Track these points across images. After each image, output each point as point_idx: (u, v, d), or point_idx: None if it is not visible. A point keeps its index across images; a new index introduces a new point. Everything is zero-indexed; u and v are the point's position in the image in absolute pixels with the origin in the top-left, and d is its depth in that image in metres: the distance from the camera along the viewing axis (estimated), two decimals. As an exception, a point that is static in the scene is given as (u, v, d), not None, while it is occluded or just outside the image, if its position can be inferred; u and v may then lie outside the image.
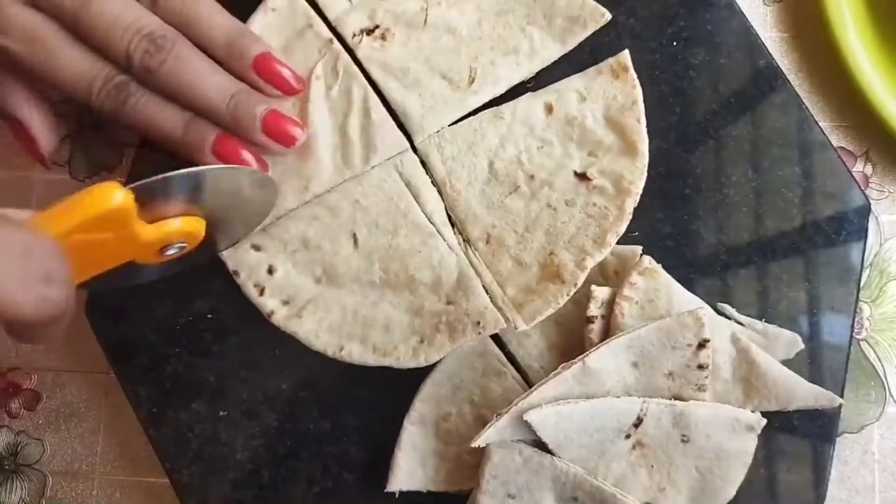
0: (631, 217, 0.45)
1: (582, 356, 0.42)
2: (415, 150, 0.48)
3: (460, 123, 0.48)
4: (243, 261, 0.46)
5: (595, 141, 0.47)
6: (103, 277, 0.38)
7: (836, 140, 0.51)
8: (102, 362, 0.48)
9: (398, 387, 0.46)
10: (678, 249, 0.47)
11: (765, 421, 0.43)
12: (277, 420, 0.47)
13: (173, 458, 0.47)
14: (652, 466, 0.43)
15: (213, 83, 0.41)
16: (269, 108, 0.43)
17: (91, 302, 0.48)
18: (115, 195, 0.33)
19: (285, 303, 0.46)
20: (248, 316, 0.47)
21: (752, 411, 0.44)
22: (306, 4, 0.48)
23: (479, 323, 0.44)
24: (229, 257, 0.46)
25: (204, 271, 0.48)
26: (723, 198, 0.48)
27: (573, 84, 0.48)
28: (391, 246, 0.46)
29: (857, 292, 0.47)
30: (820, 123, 0.49)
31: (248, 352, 0.47)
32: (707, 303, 0.46)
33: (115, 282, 0.40)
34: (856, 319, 0.48)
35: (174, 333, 0.48)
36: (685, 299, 0.45)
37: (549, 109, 0.47)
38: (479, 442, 0.41)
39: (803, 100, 0.49)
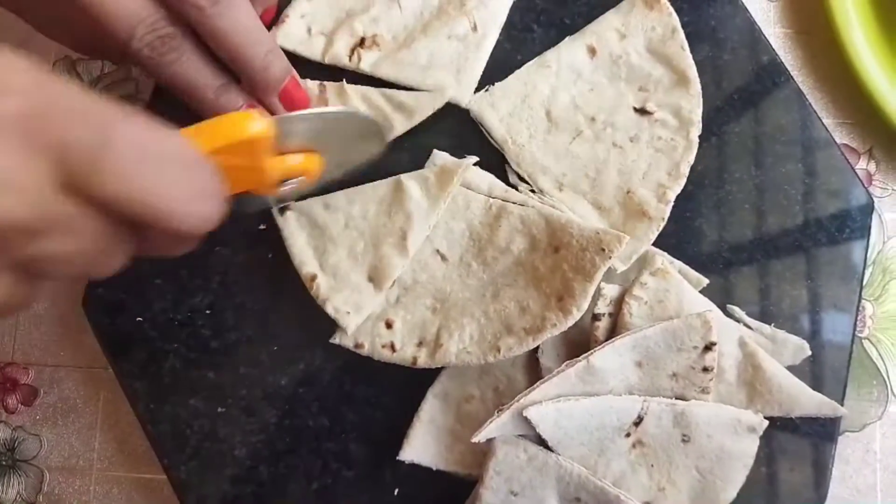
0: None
1: (586, 354, 0.42)
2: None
3: (508, 79, 0.48)
4: (360, 331, 0.45)
5: (644, 75, 0.47)
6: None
7: (840, 137, 0.51)
8: (100, 357, 0.48)
9: (398, 383, 0.46)
10: (680, 246, 0.47)
11: (766, 423, 0.43)
12: (276, 416, 0.47)
13: (171, 454, 0.46)
14: (652, 466, 0.43)
15: (256, 37, 0.42)
16: (293, 75, 0.46)
17: (89, 296, 0.48)
18: (257, 123, 0.34)
19: (420, 344, 0.44)
20: (246, 311, 0.47)
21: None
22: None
23: (603, 250, 0.42)
24: (343, 337, 0.45)
25: (202, 266, 0.47)
26: (725, 195, 0.47)
27: (610, 22, 0.48)
28: (474, 238, 0.46)
29: (860, 290, 0.47)
30: (823, 120, 0.48)
31: (246, 347, 0.47)
32: (710, 299, 0.45)
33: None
34: (858, 318, 0.47)
35: (172, 329, 0.47)
36: (695, 301, 0.44)
37: (591, 52, 0.48)
38: (480, 437, 0.40)
39: (807, 96, 0.48)
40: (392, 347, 0.44)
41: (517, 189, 0.47)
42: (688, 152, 0.46)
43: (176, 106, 0.47)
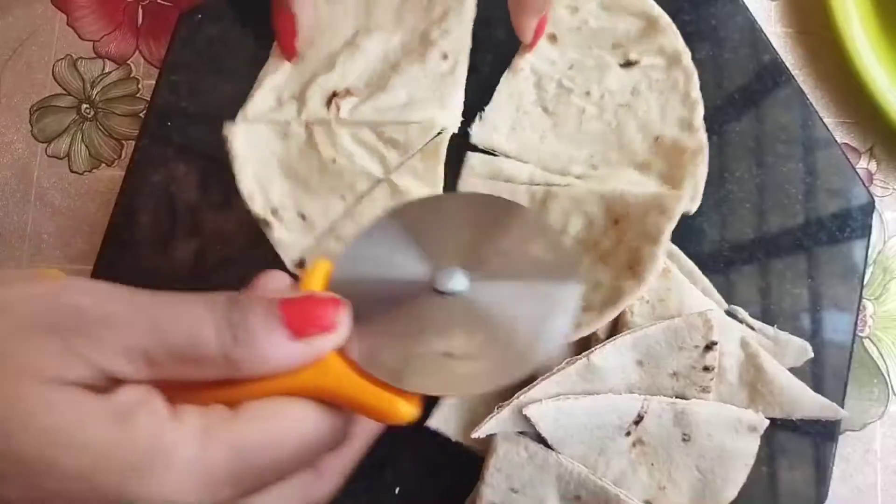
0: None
1: (587, 352, 0.42)
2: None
3: (494, 98, 0.48)
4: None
5: (611, 32, 0.47)
6: None
7: (841, 136, 0.51)
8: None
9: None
10: (681, 245, 0.46)
11: (767, 422, 0.43)
12: (277, 415, 0.47)
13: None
14: (652, 465, 0.43)
15: None
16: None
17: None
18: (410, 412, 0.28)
19: None
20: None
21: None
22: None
23: (664, 211, 0.42)
24: None
25: (203, 264, 0.47)
26: (726, 194, 0.47)
27: (558, 3, 0.48)
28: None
29: (861, 290, 0.47)
30: (824, 119, 0.48)
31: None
32: (714, 301, 0.45)
33: None
34: (859, 317, 0.47)
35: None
36: (697, 301, 0.44)
37: (552, 39, 0.48)
38: (479, 433, 0.40)
39: (808, 96, 0.48)
40: None
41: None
42: (690, 79, 0.46)
43: (176, 105, 0.48)
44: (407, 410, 0.27)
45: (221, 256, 0.48)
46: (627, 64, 0.47)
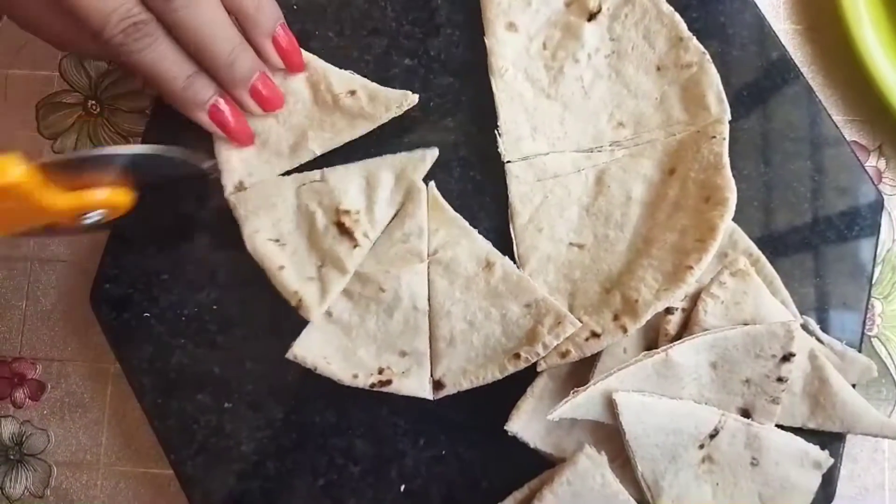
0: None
1: (665, 347, 0.42)
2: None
3: (500, 115, 0.47)
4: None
5: None
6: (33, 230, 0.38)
7: (850, 134, 0.51)
8: (107, 352, 0.48)
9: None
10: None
11: (832, 461, 0.43)
12: (283, 412, 0.47)
13: (178, 450, 0.47)
14: (717, 484, 0.42)
15: (221, 32, 0.42)
16: (262, 72, 0.45)
17: (96, 291, 0.48)
18: (12, 170, 0.32)
19: (616, 318, 0.42)
20: (252, 307, 0.47)
21: (814, 428, 0.44)
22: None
23: (714, 137, 0.44)
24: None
25: (209, 262, 0.47)
26: (734, 192, 0.47)
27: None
28: (594, 212, 0.46)
29: (869, 289, 0.47)
30: (833, 117, 0.48)
31: (253, 343, 0.47)
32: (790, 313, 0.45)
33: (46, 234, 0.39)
34: (867, 316, 0.47)
35: (179, 324, 0.47)
36: (773, 309, 0.44)
37: (512, 27, 0.48)
38: (554, 415, 0.40)
39: (816, 93, 0.48)
40: (594, 334, 0.43)
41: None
42: (703, 73, 0.46)
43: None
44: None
45: (228, 250, 0.48)
46: (592, 16, 0.47)
